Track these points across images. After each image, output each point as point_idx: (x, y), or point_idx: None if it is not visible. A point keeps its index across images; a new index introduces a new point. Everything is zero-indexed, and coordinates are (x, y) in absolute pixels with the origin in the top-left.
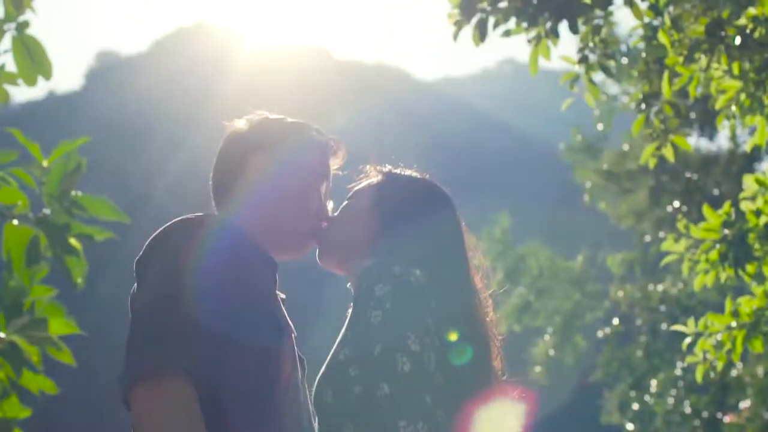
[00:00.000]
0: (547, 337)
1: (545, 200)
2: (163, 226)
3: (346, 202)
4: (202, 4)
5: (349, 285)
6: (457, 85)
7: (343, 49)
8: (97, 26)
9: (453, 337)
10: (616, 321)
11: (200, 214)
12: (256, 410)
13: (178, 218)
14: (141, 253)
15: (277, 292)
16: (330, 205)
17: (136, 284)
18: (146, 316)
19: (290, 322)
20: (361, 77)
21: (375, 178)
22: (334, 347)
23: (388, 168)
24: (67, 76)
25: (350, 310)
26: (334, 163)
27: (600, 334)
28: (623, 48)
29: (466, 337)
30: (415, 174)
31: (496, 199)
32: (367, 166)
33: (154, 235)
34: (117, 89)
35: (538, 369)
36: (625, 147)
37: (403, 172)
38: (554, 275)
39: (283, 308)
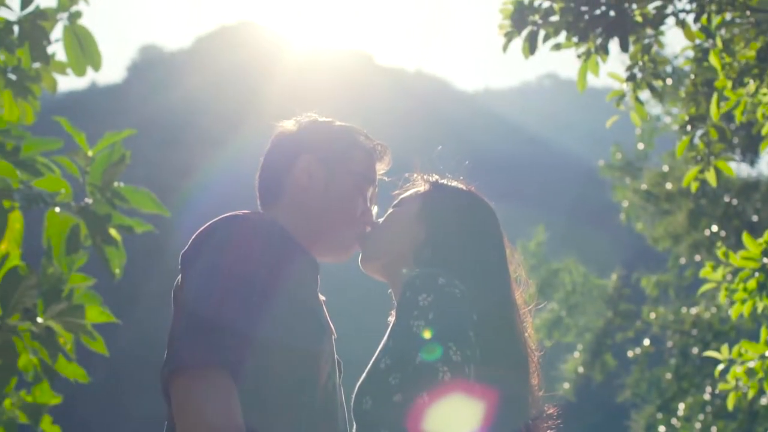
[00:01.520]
0: (576, 354)
1: (581, 216)
2: (210, 221)
3: (391, 209)
4: (247, 3)
5: (390, 292)
6: (496, 97)
7: (385, 55)
8: (142, 20)
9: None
10: (647, 342)
11: (247, 211)
12: (293, 410)
13: (225, 214)
14: (187, 247)
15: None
16: (374, 210)
17: (180, 277)
18: (190, 310)
19: (331, 324)
20: (401, 84)
21: (422, 187)
22: (375, 355)
23: (435, 177)
24: (109, 68)
25: (391, 318)
26: (381, 169)
27: (630, 354)
28: (668, 68)
29: (504, 354)
30: (461, 185)
31: (531, 213)
32: (414, 175)
33: (200, 229)
34: (158, 84)
35: (566, 386)
36: (665, 168)
37: (449, 183)
38: (587, 292)
39: (325, 309)
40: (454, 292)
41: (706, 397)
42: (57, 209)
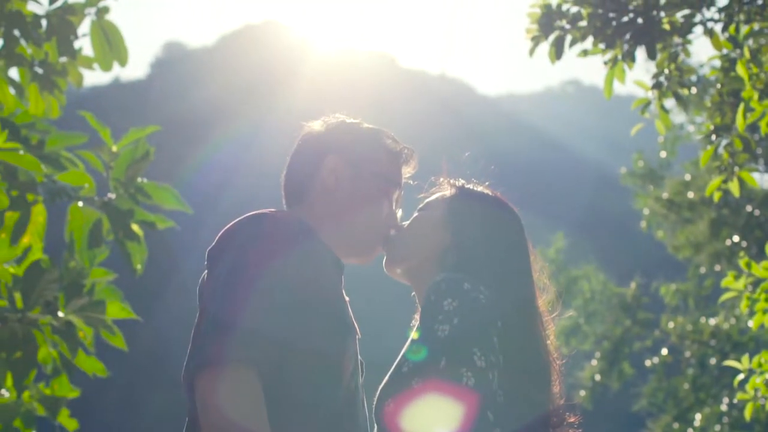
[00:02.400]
0: (594, 362)
1: (601, 224)
2: (237, 219)
3: (417, 213)
4: (271, 3)
5: (413, 295)
6: (518, 102)
7: (409, 58)
8: (166, 17)
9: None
10: (665, 351)
11: (273, 210)
12: (316, 408)
13: (252, 212)
14: (213, 244)
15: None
16: (399, 213)
17: (206, 273)
18: (216, 307)
19: (356, 324)
20: (424, 87)
21: (448, 191)
22: (398, 359)
23: (461, 182)
24: (133, 64)
25: (414, 322)
26: (407, 172)
27: (648, 363)
28: (693, 77)
29: (527, 361)
30: (487, 191)
31: (551, 219)
32: (440, 179)
33: (227, 227)
34: (181, 81)
35: (582, 393)
36: (687, 176)
37: (475, 188)
38: (606, 300)
39: (350, 309)
40: (479, 297)
41: (723, 407)
42: (80, 203)
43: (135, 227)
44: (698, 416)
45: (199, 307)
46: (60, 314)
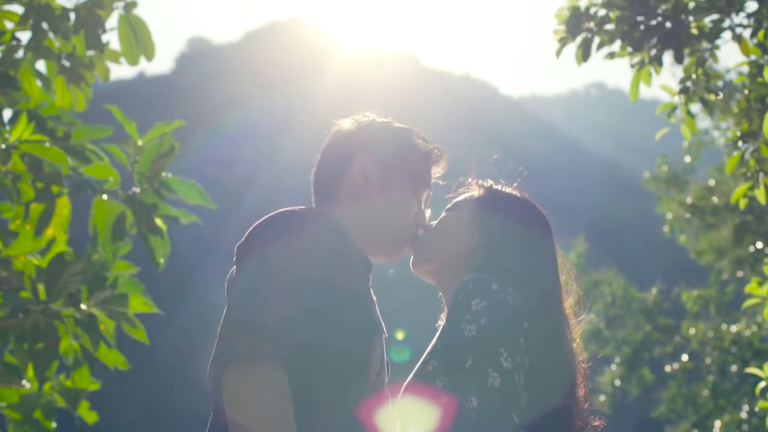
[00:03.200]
0: (614, 367)
1: (623, 228)
2: (267, 215)
3: (445, 213)
4: (297, 0)
5: (440, 295)
6: (542, 104)
7: (433, 58)
8: (192, 12)
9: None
10: (685, 357)
11: (303, 207)
12: (341, 407)
13: (282, 209)
14: (242, 240)
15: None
16: (427, 213)
17: (234, 269)
18: (244, 303)
19: (383, 323)
20: (448, 87)
21: (476, 192)
22: (423, 357)
23: (489, 183)
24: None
25: (441, 322)
26: (436, 172)
27: (668, 368)
28: (719, 83)
29: (552, 363)
30: (515, 192)
31: (572, 223)
32: (469, 179)
33: (257, 223)
34: (205, 76)
35: (602, 398)
36: (712, 182)
37: (504, 189)
38: (627, 305)
39: (377, 308)
40: (506, 298)
41: (743, 415)
42: (104, 197)
43: (158, 221)
44: (718, 423)
45: (226, 303)
46: (82, 307)
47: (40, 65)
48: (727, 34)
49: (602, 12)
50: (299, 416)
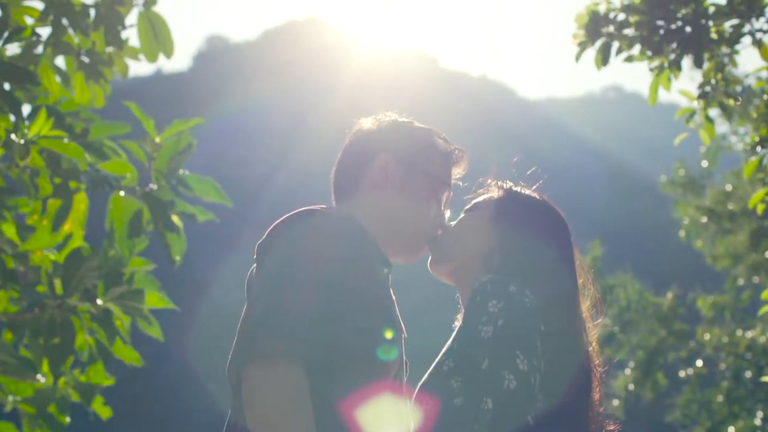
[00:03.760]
0: (628, 372)
1: (638, 231)
2: (287, 214)
3: (464, 214)
4: None
5: (457, 296)
6: (559, 107)
7: (450, 59)
8: (210, 10)
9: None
10: (699, 363)
11: (324, 206)
12: (360, 406)
13: (303, 208)
14: (263, 238)
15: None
16: (447, 214)
17: (254, 267)
18: (264, 301)
19: (402, 324)
20: (465, 88)
21: (495, 193)
22: (439, 357)
23: (509, 184)
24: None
25: (457, 323)
26: (457, 173)
27: (682, 374)
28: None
29: (568, 366)
30: (534, 194)
31: (587, 226)
32: (488, 180)
33: (277, 221)
34: (223, 74)
35: (615, 402)
36: (729, 186)
37: (523, 191)
38: (642, 309)
39: (396, 309)
40: (524, 301)
41: (757, 422)
42: (121, 193)
43: (175, 218)
44: (732, 429)
45: (246, 301)
46: (98, 302)
47: (60, 61)
48: (747, 39)
49: (622, 16)
50: (318, 415)
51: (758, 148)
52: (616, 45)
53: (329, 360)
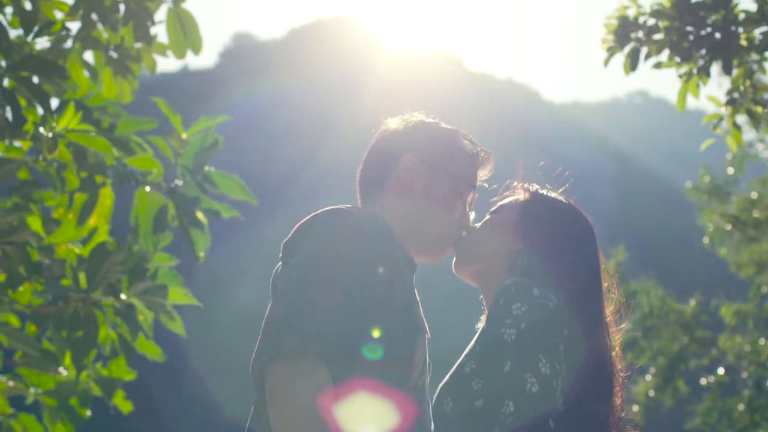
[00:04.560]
0: (648, 378)
1: (663, 237)
2: (313, 213)
3: (489, 215)
4: None
5: (481, 297)
6: (584, 111)
7: (476, 61)
8: (237, 7)
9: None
10: (721, 371)
11: (349, 206)
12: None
13: (329, 207)
14: (289, 237)
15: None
16: (472, 215)
17: (280, 265)
18: (289, 300)
19: (426, 324)
20: (490, 91)
21: (521, 196)
22: (461, 359)
23: (535, 187)
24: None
25: (480, 324)
26: (482, 175)
27: (703, 381)
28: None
29: (591, 371)
30: (560, 197)
31: (612, 231)
32: (515, 182)
33: (303, 220)
34: (249, 72)
35: (636, 408)
36: (754, 194)
37: (549, 194)
38: (664, 316)
39: (421, 309)
40: (547, 304)
41: None
42: (147, 188)
43: (200, 215)
44: None
45: (271, 299)
46: (122, 296)
47: (88, 56)
48: None
49: (651, 22)
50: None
51: None
52: (644, 50)
53: (352, 360)
